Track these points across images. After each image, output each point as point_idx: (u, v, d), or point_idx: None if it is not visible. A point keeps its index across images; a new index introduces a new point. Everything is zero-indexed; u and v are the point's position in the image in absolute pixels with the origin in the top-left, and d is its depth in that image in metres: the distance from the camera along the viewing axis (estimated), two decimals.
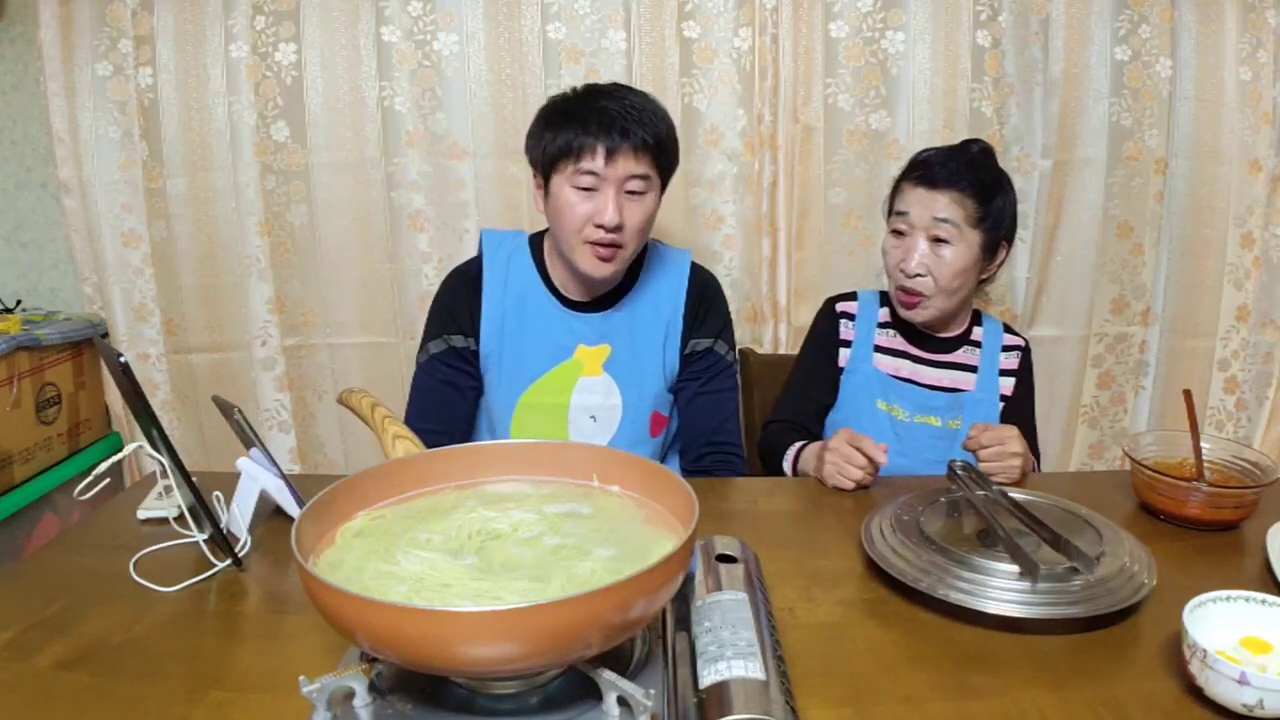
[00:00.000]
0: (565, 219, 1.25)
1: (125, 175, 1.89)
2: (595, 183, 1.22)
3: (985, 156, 1.39)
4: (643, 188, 1.24)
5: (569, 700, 0.66)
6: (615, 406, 1.35)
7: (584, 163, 1.21)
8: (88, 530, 1.11)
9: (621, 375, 1.35)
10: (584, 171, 1.22)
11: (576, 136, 1.21)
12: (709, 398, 1.38)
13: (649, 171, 1.24)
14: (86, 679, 0.77)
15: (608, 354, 1.35)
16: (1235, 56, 1.82)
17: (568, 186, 1.24)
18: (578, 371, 1.35)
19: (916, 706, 0.71)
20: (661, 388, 1.38)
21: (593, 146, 1.21)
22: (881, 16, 1.79)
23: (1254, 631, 0.76)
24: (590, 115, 1.22)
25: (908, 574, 0.87)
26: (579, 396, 1.35)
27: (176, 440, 1.65)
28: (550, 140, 1.24)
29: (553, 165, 1.25)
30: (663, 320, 1.37)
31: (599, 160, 1.21)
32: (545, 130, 1.26)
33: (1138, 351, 2.00)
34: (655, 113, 1.25)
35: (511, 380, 1.35)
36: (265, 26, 1.80)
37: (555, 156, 1.24)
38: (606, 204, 1.22)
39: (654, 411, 1.38)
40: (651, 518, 0.78)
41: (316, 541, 0.74)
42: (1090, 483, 1.31)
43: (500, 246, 1.39)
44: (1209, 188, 1.89)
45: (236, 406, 1.03)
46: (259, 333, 1.96)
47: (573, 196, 1.23)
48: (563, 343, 1.35)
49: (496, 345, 1.35)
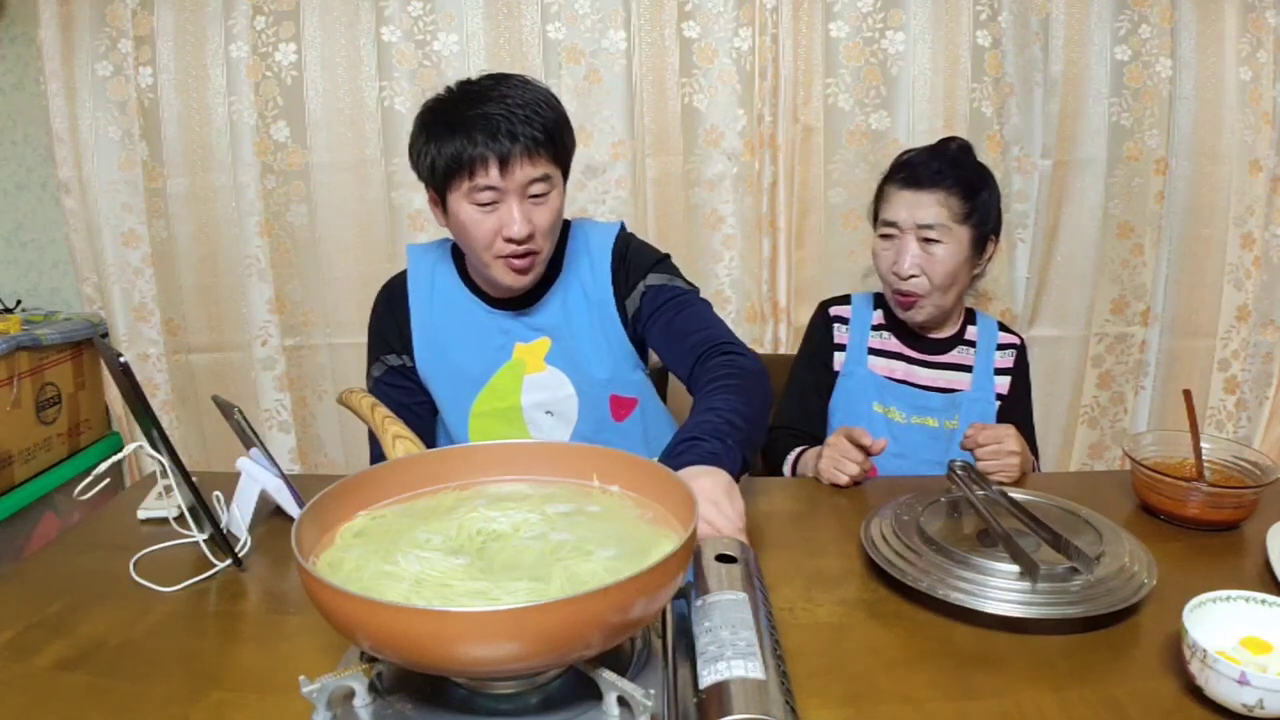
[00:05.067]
0: (471, 237, 1.17)
1: (125, 175, 1.89)
2: (495, 196, 1.14)
3: (964, 153, 1.40)
4: (545, 189, 1.16)
5: (569, 700, 0.66)
6: (569, 397, 1.30)
7: (478, 178, 1.12)
8: (88, 530, 1.11)
9: (566, 365, 1.29)
10: (480, 187, 1.13)
11: (464, 149, 1.11)
12: (679, 316, 1.26)
13: (548, 170, 1.16)
14: (86, 679, 0.77)
15: (548, 346, 1.29)
16: (1235, 56, 1.83)
17: (466, 204, 1.15)
18: (521, 370, 1.30)
19: (916, 706, 0.71)
20: (613, 369, 1.30)
21: (484, 158, 1.11)
22: (881, 16, 1.79)
23: (1254, 631, 0.76)
24: (473, 123, 1.12)
25: (908, 574, 0.87)
26: (529, 395, 1.30)
27: (176, 440, 1.65)
28: (436, 155, 1.14)
29: (445, 182, 1.16)
30: (592, 300, 1.29)
31: (493, 173, 1.12)
32: (428, 144, 1.16)
33: (1137, 351, 2.00)
34: (541, 103, 1.15)
35: (457, 392, 1.31)
36: (265, 26, 1.80)
37: (446, 173, 1.14)
38: (511, 216, 1.14)
39: (612, 395, 1.32)
40: (651, 518, 0.78)
41: (316, 541, 0.74)
42: (1090, 483, 1.31)
43: (424, 259, 1.34)
44: (1209, 188, 1.89)
45: (236, 406, 1.03)
46: (259, 333, 1.97)
47: (474, 214, 1.15)
48: (498, 344, 1.29)
49: (431, 359, 1.30)
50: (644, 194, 1.87)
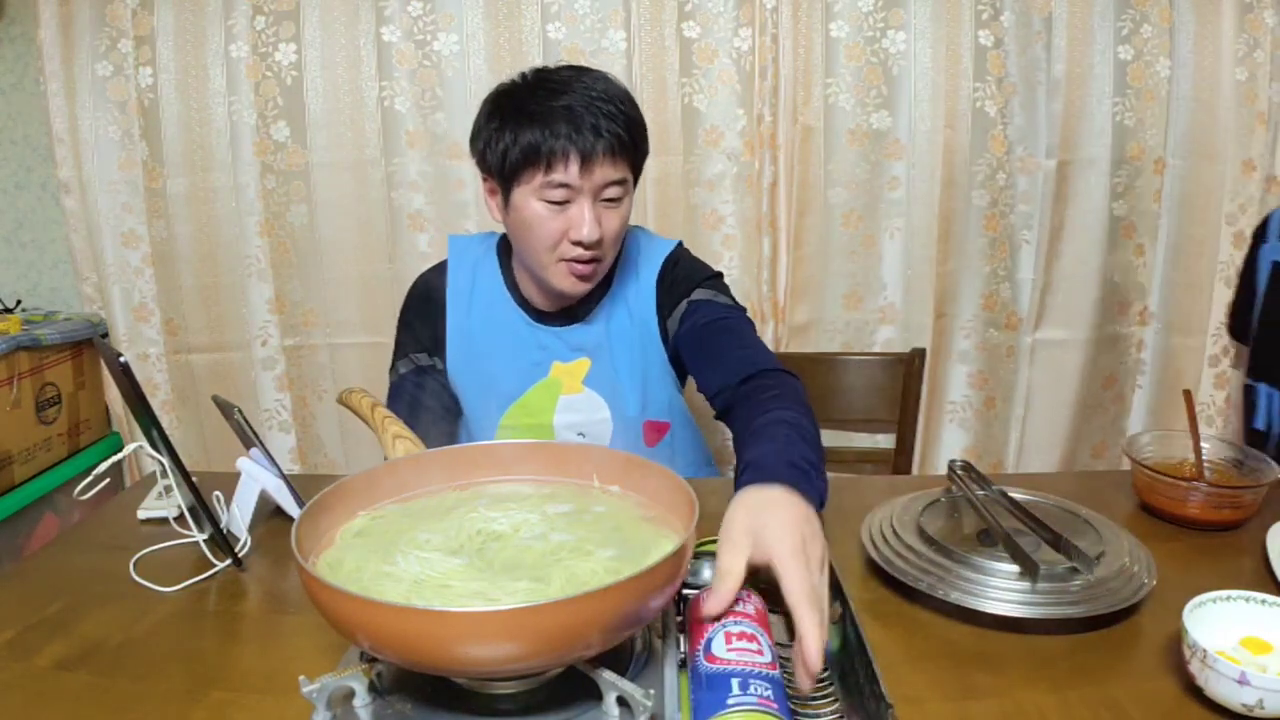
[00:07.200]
0: (535, 236, 1.09)
1: (125, 175, 1.89)
2: (568, 195, 1.06)
3: None
4: (619, 194, 1.09)
5: (569, 700, 0.66)
6: (604, 421, 1.23)
7: (555, 174, 1.05)
8: (88, 530, 1.11)
9: (604, 389, 1.23)
10: (556, 184, 1.05)
11: (544, 141, 1.04)
12: (721, 335, 1.16)
13: (626, 175, 1.09)
14: (86, 679, 0.77)
15: (587, 368, 1.23)
16: (1232, 56, 1.82)
17: (535, 200, 1.07)
18: (557, 390, 1.23)
19: (916, 706, 0.71)
20: (651, 394, 1.25)
21: (565, 153, 1.04)
22: (882, 16, 1.79)
23: (1254, 631, 0.76)
24: (555, 115, 1.04)
25: (908, 574, 0.87)
26: (562, 416, 1.23)
27: (176, 440, 1.64)
28: (510, 144, 1.06)
29: (514, 175, 1.07)
30: (636, 320, 1.22)
31: (573, 170, 1.04)
32: (501, 132, 1.07)
33: (1135, 351, 2.00)
34: (622, 99, 1.08)
35: (487, 403, 1.25)
36: (265, 26, 1.81)
37: (518, 165, 1.06)
38: (583, 218, 1.06)
39: (647, 421, 1.26)
40: (651, 518, 0.78)
41: (316, 541, 0.74)
42: (1090, 483, 1.30)
43: (466, 254, 1.27)
44: (1204, 187, 1.89)
45: (236, 406, 1.03)
46: (259, 333, 1.97)
47: (542, 211, 1.07)
48: (535, 360, 1.23)
49: (464, 367, 1.24)
50: (644, 194, 1.87)
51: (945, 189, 1.85)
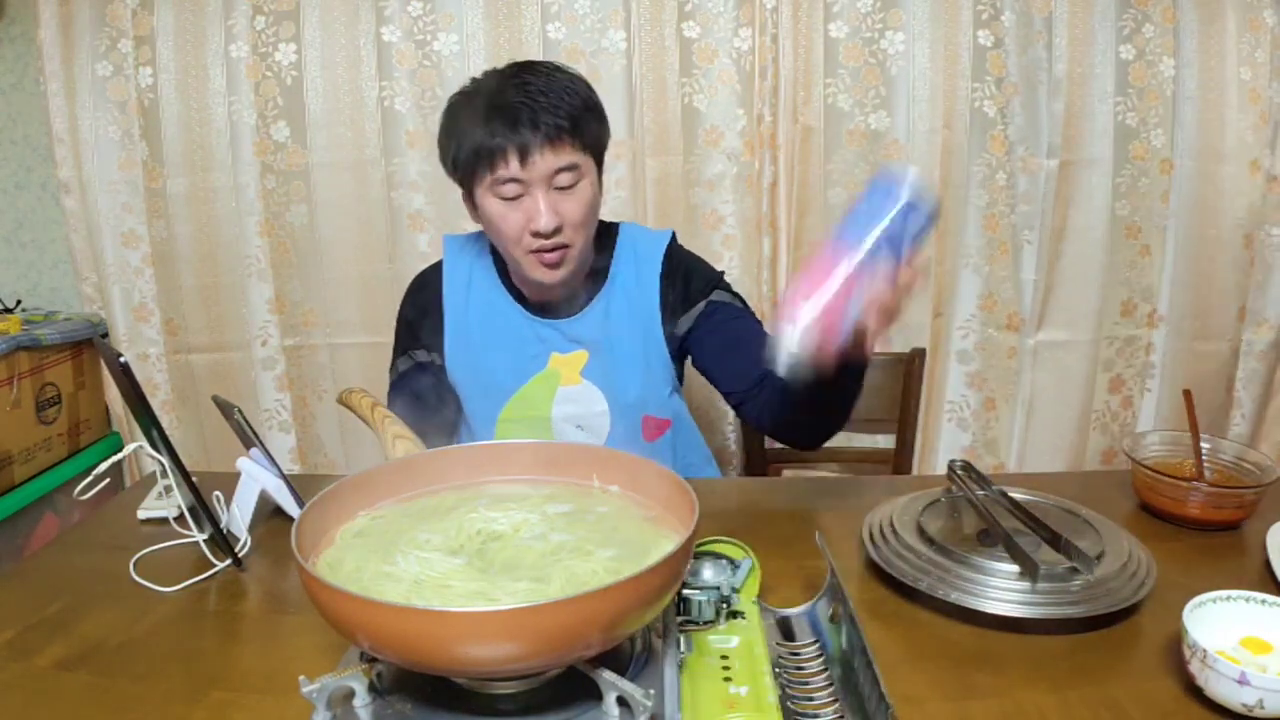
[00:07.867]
0: (499, 232, 1.13)
1: (125, 175, 1.89)
2: (519, 189, 1.09)
3: None
4: (572, 179, 1.10)
5: (569, 700, 0.66)
6: (601, 413, 1.25)
7: (500, 170, 1.08)
8: (88, 530, 1.11)
9: (602, 381, 1.24)
10: (504, 180, 1.08)
11: (483, 140, 1.07)
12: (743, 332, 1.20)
13: (574, 159, 1.10)
14: (86, 679, 0.77)
15: (584, 360, 1.24)
16: (1236, 56, 1.82)
17: (491, 197, 1.11)
18: (555, 382, 1.25)
19: (916, 706, 0.71)
20: (649, 388, 1.26)
21: (503, 149, 1.06)
22: (881, 16, 1.79)
23: (1254, 631, 0.76)
24: (492, 112, 1.07)
25: (908, 574, 0.87)
26: (560, 408, 1.25)
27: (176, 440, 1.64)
28: (458, 150, 1.10)
29: (470, 177, 1.12)
30: (639, 315, 1.24)
31: (514, 164, 1.07)
32: (449, 139, 1.12)
33: (1144, 354, 1.99)
34: (566, 88, 1.10)
35: (486, 397, 1.26)
36: (265, 26, 1.81)
37: (469, 168, 1.10)
38: (537, 208, 1.09)
39: (645, 415, 1.27)
40: (652, 518, 0.78)
41: (316, 541, 0.74)
42: (1090, 483, 1.30)
43: (462, 254, 1.29)
44: (1213, 188, 1.89)
45: (236, 406, 1.03)
46: (259, 333, 1.97)
47: (499, 208, 1.11)
48: (533, 353, 1.25)
49: (462, 362, 1.26)
50: (644, 194, 1.87)
51: (942, 189, 1.85)
